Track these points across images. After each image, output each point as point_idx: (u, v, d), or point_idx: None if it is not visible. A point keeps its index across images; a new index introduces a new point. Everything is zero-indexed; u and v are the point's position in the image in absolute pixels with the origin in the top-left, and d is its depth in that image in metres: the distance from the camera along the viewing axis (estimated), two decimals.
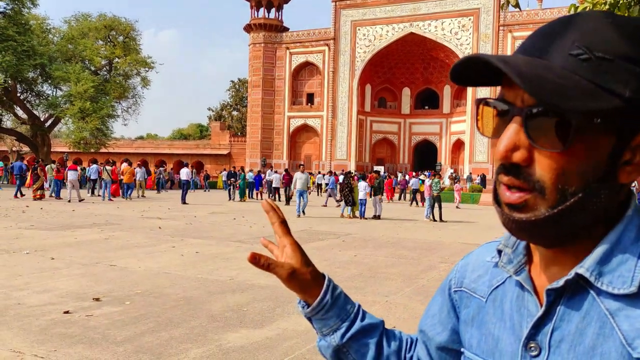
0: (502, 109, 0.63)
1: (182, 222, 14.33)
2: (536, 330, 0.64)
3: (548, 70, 0.58)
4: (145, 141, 68.85)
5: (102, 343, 4.43)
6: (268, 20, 51.10)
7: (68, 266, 7.63)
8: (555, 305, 0.63)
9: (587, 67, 0.57)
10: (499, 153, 0.62)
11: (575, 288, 0.62)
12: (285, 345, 4.54)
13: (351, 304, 0.90)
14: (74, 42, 39.59)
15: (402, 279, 7.54)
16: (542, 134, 0.59)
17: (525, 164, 0.60)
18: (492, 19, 43.32)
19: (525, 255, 0.70)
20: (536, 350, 0.63)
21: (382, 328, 0.90)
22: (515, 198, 0.61)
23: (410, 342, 0.91)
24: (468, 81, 0.67)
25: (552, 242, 0.63)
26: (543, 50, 0.61)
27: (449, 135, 49.77)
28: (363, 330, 0.88)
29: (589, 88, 0.57)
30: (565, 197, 0.59)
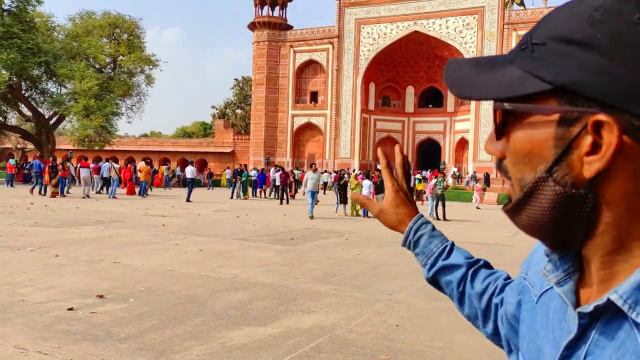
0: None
1: (186, 219, 14.35)
2: (570, 352, 0.57)
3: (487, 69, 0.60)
4: (149, 139, 68.99)
5: (105, 340, 4.44)
6: (272, 19, 51.08)
7: (72, 263, 7.65)
8: (590, 328, 0.56)
9: (523, 55, 0.57)
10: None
11: (614, 312, 0.53)
12: (288, 343, 4.54)
13: (436, 244, 0.98)
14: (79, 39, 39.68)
15: (405, 278, 7.54)
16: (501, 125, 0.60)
17: (501, 156, 0.61)
18: (497, 17, 43.17)
19: (575, 263, 0.62)
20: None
21: (465, 268, 0.95)
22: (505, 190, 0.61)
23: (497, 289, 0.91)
24: None
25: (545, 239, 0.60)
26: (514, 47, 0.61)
27: (453, 133, 49.67)
28: (444, 268, 0.96)
29: (515, 77, 0.56)
30: (521, 188, 0.58)
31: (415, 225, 1.00)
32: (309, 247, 10.07)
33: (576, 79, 0.51)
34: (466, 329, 5.19)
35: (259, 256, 8.86)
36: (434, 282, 1.00)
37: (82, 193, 21.47)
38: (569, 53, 0.52)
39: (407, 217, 1.01)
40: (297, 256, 9.03)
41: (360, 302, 6.02)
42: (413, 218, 1.00)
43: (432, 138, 51.73)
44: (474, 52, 44.14)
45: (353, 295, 6.36)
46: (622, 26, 0.50)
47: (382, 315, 5.55)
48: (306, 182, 17.35)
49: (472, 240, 12.09)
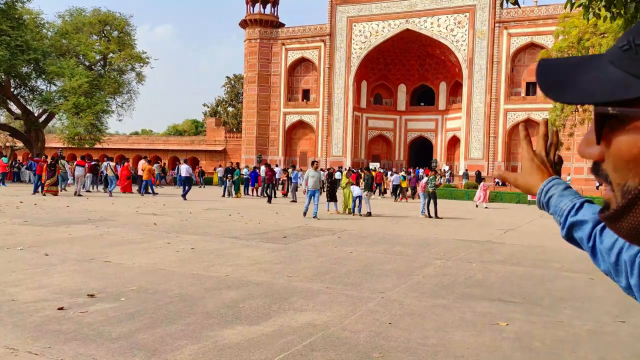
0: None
1: (178, 218, 14.28)
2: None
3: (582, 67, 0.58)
4: (140, 137, 68.56)
5: (96, 339, 4.40)
6: (263, 16, 50.94)
7: (62, 262, 7.58)
8: None
9: (626, 57, 0.55)
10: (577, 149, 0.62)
11: None
12: (281, 342, 4.52)
13: (566, 202, 1.02)
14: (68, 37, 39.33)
15: (398, 276, 7.54)
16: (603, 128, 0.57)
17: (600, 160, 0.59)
18: (488, 16, 43.33)
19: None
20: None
21: (593, 223, 0.97)
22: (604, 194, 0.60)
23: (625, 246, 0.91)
24: None
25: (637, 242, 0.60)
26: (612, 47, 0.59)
27: (445, 131, 49.83)
28: (573, 224, 1.00)
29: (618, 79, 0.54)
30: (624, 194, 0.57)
31: (546, 187, 1.04)
32: (301, 246, 10.06)
33: None
34: (459, 326, 5.20)
35: (251, 255, 8.83)
36: (571, 240, 1.03)
37: (75, 190, 21.77)
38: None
39: (540, 181, 1.06)
40: (289, 254, 9.01)
41: (353, 300, 6.01)
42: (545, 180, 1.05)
43: (424, 136, 51.87)
44: (465, 50, 44.28)
45: (346, 293, 6.36)
46: None
47: (375, 313, 5.54)
48: (307, 181, 16.22)
49: (463, 237, 12.14)
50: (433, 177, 17.78)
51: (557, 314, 5.77)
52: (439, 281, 7.28)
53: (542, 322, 5.45)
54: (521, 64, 43.58)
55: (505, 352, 4.51)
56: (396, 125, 52.54)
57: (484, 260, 9.08)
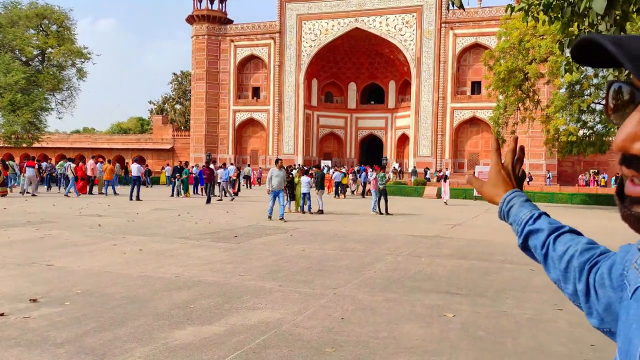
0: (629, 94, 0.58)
1: (124, 219, 13.89)
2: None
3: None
4: (81, 135, 66.08)
5: (41, 345, 4.24)
6: (211, 12, 50.18)
7: (1, 267, 7.23)
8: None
9: None
10: (617, 143, 0.57)
11: None
12: (234, 340, 4.51)
13: (525, 212, 1.07)
14: (3, 30, 37.43)
15: (350, 272, 7.64)
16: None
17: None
18: (435, 16, 44.38)
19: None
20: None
21: (548, 232, 1.02)
22: (637, 190, 0.58)
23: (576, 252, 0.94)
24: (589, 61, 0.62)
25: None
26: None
27: (394, 129, 50.71)
28: (530, 232, 1.05)
29: None
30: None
31: (508, 197, 1.10)
32: (253, 245, 10.01)
33: None
34: (409, 319, 5.34)
35: (202, 255, 8.72)
36: (526, 249, 1.08)
37: (24, 190, 21.93)
38: None
39: (503, 192, 1.12)
40: (241, 254, 8.95)
41: (306, 297, 6.05)
42: (507, 191, 1.11)
43: (375, 134, 52.60)
44: (413, 49, 45.19)
45: (298, 290, 6.39)
46: None
47: (328, 309, 5.60)
48: (270, 180, 14.96)
49: (413, 232, 12.42)
50: (383, 174, 18.07)
51: (500, 304, 6.02)
52: (390, 276, 7.43)
53: (487, 312, 5.68)
54: (466, 64, 44.93)
55: (452, 342, 4.67)
56: (347, 123, 53.02)
57: (432, 255, 9.33)
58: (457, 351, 4.44)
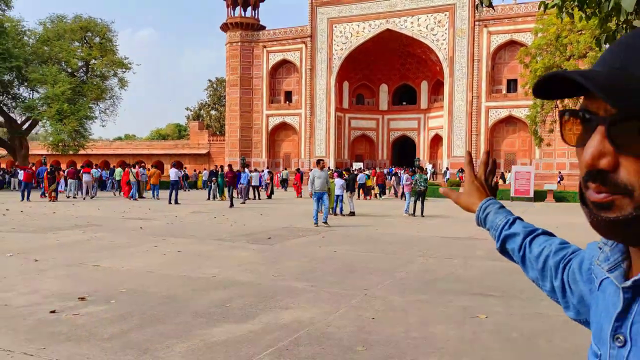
0: (585, 119, 0.66)
1: (164, 222, 14.37)
2: (621, 323, 0.67)
3: (629, 81, 0.60)
4: (123, 142, 68.16)
5: (89, 340, 4.55)
6: (244, 19, 50.96)
7: (52, 267, 7.69)
8: (634, 302, 0.67)
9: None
10: (585, 161, 0.64)
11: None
12: (268, 338, 4.71)
13: (501, 218, 1.17)
14: (50, 44, 39.08)
15: (381, 273, 7.76)
16: (626, 141, 0.61)
17: (611, 169, 0.63)
18: (468, 15, 43.86)
19: (625, 253, 0.73)
20: (621, 342, 0.67)
21: (524, 235, 1.11)
22: (601, 197, 0.64)
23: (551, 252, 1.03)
24: (548, 95, 0.70)
25: (637, 241, 0.67)
26: (623, 62, 0.63)
27: (427, 130, 50.30)
28: (507, 237, 1.14)
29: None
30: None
31: (484, 205, 1.19)
32: (286, 246, 10.24)
33: None
34: (441, 320, 5.43)
35: (237, 256, 9.00)
36: (504, 252, 1.16)
37: (82, 195, 25.02)
38: None
39: (478, 200, 1.22)
40: (274, 255, 9.19)
41: (337, 298, 6.21)
42: (482, 200, 1.20)
43: (407, 135, 52.30)
44: (445, 49, 44.79)
45: (330, 291, 6.56)
46: None
47: (359, 309, 5.75)
48: (312, 182, 14.30)
49: (446, 234, 12.41)
50: (420, 175, 17.96)
51: (535, 306, 5.97)
52: (421, 277, 7.51)
53: (521, 313, 5.66)
54: (502, 62, 44.20)
55: (484, 343, 4.71)
56: (379, 124, 52.90)
57: (465, 256, 9.34)
58: (490, 352, 4.47)
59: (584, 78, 0.60)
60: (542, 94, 0.70)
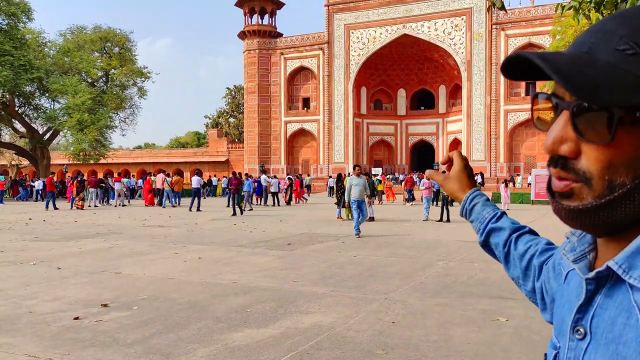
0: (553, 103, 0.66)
1: (184, 229, 14.51)
2: (582, 315, 0.67)
3: (590, 67, 0.58)
4: (143, 151, 69.09)
5: (113, 345, 4.62)
6: (262, 27, 51.40)
7: (75, 275, 7.81)
8: (597, 293, 0.65)
9: (633, 61, 0.58)
10: (546, 146, 0.64)
11: (616, 279, 0.63)
12: (288, 343, 4.72)
13: (488, 211, 1.14)
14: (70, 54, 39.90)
15: (401, 277, 7.73)
16: (588, 128, 0.60)
17: (572, 156, 0.63)
18: (485, 18, 43.60)
19: (592, 245, 0.72)
20: (581, 334, 0.66)
21: (510, 231, 1.09)
22: (562, 186, 0.64)
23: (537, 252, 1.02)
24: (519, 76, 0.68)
25: (603, 231, 0.65)
26: (591, 46, 0.61)
27: (446, 134, 50.03)
28: (492, 230, 1.11)
29: (634, 82, 0.57)
30: (612, 189, 0.60)
31: (472, 195, 1.17)
32: (305, 252, 10.26)
33: None
34: (460, 323, 5.39)
35: (257, 262, 9.04)
36: (486, 246, 1.14)
37: (116, 202, 26.67)
38: None
39: (467, 187, 1.19)
40: (294, 260, 9.21)
41: (357, 302, 6.21)
42: (470, 190, 1.18)
43: (426, 140, 52.06)
44: (463, 53, 44.56)
45: (350, 295, 6.55)
46: None
47: (379, 313, 5.73)
48: (349, 190, 13.26)
49: (466, 238, 12.29)
50: None
51: None
52: (441, 281, 7.46)
53: (541, 317, 5.54)
54: None
55: (504, 346, 4.69)
56: (397, 129, 52.77)
57: (486, 260, 9.24)
58: (510, 354, 4.45)
59: (542, 60, 0.58)
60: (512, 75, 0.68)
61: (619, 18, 0.62)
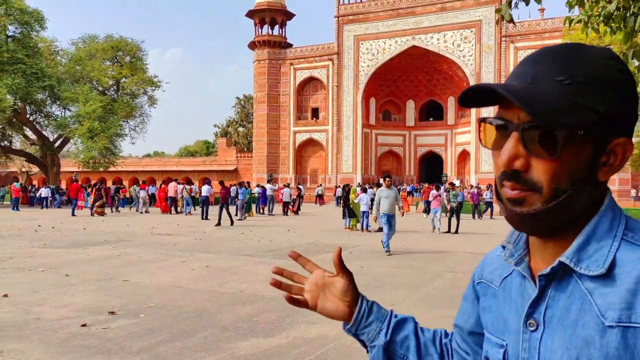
0: (501, 126, 0.76)
1: (192, 237, 14.54)
2: (533, 310, 0.76)
3: (538, 94, 0.71)
4: (152, 159, 69.45)
5: (119, 353, 4.62)
6: (272, 37, 51.72)
7: (82, 282, 7.84)
8: (547, 288, 0.75)
9: (569, 90, 0.71)
10: (502, 162, 0.74)
11: (563, 273, 0.74)
12: (295, 353, 4.71)
13: (384, 309, 1.05)
14: (82, 63, 40.32)
15: (408, 288, 7.69)
16: (536, 146, 0.71)
17: (523, 169, 0.73)
18: (494, 31, 43.64)
19: (525, 249, 0.83)
20: (534, 326, 0.75)
21: (413, 322, 1.04)
22: (514, 193, 0.74)
23: (443, 332, 1.06)
24: (472, 104, 0.80)
25: (547, 232, 0.76)
26: (533, 77, 0.74)
27: (454, 146, 49.91)
28: (399, 323, 1.02)
29: (572, 106, 0.70)
30: (557, 194, 0.72)
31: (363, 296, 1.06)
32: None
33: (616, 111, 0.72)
34: None
35: (265, 271, 9.03)
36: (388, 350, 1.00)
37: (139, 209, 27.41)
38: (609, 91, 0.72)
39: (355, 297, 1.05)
40: (302, 270, 9.15)
41: None
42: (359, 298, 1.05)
43: (434, 151, 51.95)
44: (472, 65, 44.58)
45: None
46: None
47: None
48: (378, 203, 12.36)
49: (474, 250, 12.21)
50: (454, 192, 18.00)
51: None
52: (449, 293, 7.41)
53: None
54: None
55: None
56: (406, 140, 52.73)
57: None
58: None
59: (507, 91, 0.70)
60: (467, 103, 0.79)
61: (551, 54, 0.74)
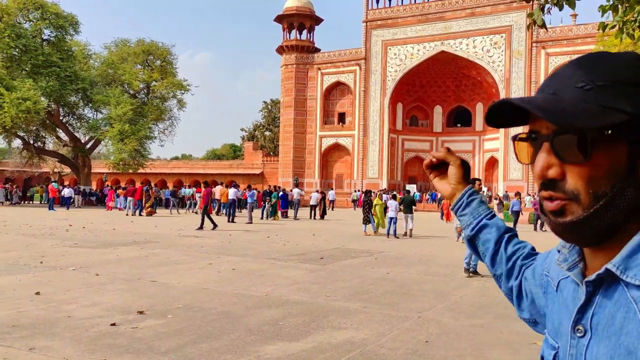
0: (532, 139, 0.79)
1: (218, 240, 14.67)
2: (581, 316, 0.77)
3: (559, 102, 0.74)
4: (180, 162, 70.45)
5: (147, 353, 4.67)
6: (300, 42, 51.98)
7: (112, 282, 7.98)
8: (595, 295, 0.76)
9: (590, 94, 0.73)
10: (536, 174, 0.77)
11: (611, 280, 0.74)
12: (320, 357, 4.69)
13: (484, 208, 1.20)
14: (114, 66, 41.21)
15: (435, 296, 7.60)
16: (567, 151, 0.73)
17: (559, 178, 0.75)
18: (525, 36, 42.98)
19: (580, 255, 0.84)
20: (582, 332, 0.76)
21: (503, 231, 1.16)
22: (554, 205, 0.76)
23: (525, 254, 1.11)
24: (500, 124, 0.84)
25: (593, 240, 0.76)
26: (556, 88, 0.77)
27: (482, 152, 49.25)
28: (486, 226, 1.17)
29: (595, 109, 0.72)
30: (597, 199, 0.72)
31: (470, 191, 1.22)
32: (338, 267, 10.21)
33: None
34: (496, 345, 5.25)
35: (290, 275, 9.05)
36: (472, 241, 1.19)
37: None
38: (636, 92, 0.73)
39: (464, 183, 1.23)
40: (327, 275, 9.17)
41: (390, 319, 6.13)
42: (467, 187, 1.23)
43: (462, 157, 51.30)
44: (502, 71, 43.98)
45: (383, 312, 6.47)
46: None
47: (412, 331, 5.64)
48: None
49: None
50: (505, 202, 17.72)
51: None
52: (477, 301, 7.30)
53: None
54: None
55: None
56: (432, 146, 52.22)
57: None
58: None
59: (524, 102, 0.74)
60: (496, 123, 0.83)
61: (573, 64, 0.78)
